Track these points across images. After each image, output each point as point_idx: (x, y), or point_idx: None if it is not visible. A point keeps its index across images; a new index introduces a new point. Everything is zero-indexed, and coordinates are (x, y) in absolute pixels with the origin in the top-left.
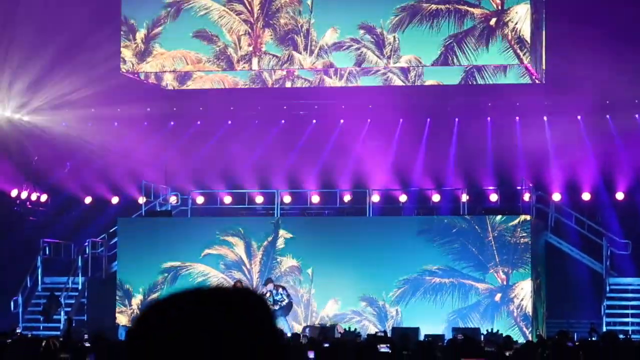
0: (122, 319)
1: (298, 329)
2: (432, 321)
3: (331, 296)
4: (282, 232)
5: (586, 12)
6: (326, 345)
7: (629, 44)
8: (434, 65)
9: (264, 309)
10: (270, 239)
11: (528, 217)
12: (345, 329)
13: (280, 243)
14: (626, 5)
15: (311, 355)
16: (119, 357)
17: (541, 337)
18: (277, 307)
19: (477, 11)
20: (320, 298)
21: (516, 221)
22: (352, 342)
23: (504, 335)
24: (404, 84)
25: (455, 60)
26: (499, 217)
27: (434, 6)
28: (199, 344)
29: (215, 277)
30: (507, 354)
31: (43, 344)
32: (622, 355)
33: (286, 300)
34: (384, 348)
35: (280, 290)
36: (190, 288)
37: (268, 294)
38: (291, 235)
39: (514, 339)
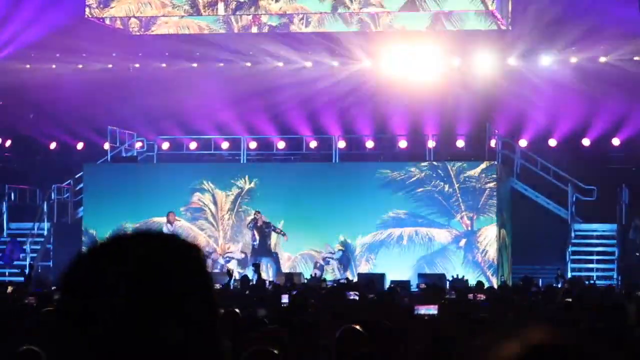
0: None
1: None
2: (399, 267)
3: (300, 244)
4: (249, 179)
5: None
6: (294, 292)
7: None
8: (401, 10)
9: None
10: (237, 187)
11: (493, 163)
12: (311, 275)
13: (248, 191)
14: None
15: (284, 299)
16: None
17: (505, 283)
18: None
19: None
20: (289, 246)
21: (481, 167)
22: (318, 288)
23: (468, 280)
24: (376, 30)
25: (423, 5)
26: (464, 163)
27: None
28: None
29: (181, 227)
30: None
31: (8, 290)
32: (586, 300)
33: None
34: (352, 295)
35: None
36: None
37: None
38: (255, 184)
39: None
